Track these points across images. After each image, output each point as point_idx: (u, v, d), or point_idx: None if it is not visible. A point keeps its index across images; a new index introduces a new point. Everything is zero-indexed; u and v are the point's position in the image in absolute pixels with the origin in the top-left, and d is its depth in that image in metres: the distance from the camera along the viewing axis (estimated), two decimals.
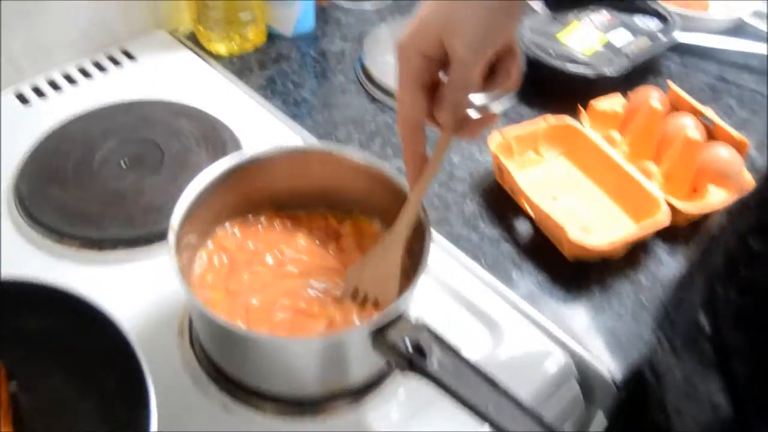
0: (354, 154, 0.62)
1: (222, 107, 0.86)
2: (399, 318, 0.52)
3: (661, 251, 0.75)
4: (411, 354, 0.50)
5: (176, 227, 0.56)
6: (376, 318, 0.51)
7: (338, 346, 0.53)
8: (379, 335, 0.51)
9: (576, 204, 0.79)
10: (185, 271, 0.56)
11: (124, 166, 0.77)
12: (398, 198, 0.57)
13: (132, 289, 0.65)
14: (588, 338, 0.66)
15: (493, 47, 0.47)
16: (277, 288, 0.60)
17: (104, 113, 0.84)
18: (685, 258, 0.75)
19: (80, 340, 0.53)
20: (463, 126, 0.51)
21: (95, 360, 0.52)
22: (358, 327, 0.52)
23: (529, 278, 0.72)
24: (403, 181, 0.56)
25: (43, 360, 0.55)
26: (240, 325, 0.56)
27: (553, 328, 0.66)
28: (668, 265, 0.74)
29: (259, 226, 0.64)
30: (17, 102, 0.88)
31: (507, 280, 0.71)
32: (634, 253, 0.74)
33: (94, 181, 0.75)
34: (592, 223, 0.76)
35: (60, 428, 0.52)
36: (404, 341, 0.50)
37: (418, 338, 0.50)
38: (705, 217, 0.76)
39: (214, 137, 0.81)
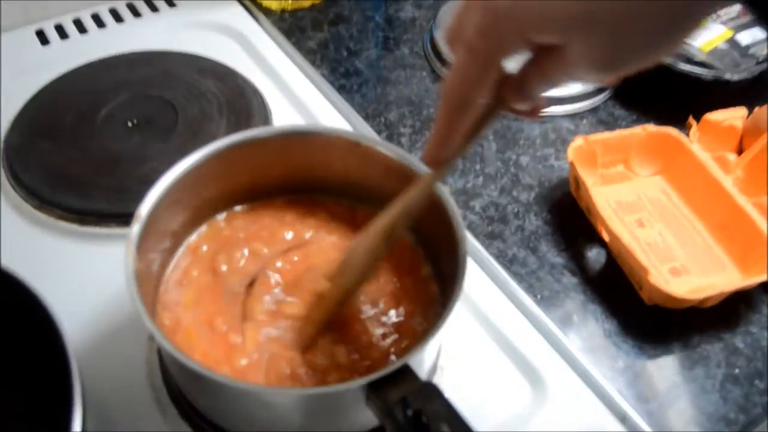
0: (387, 147, 0.54)
1: (258, 70, 0.78)
2: (402, 373, 0.42)
3: None
4: (408, 426, 0.40)
5: (143, 218, 0.48)
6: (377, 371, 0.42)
7: (325, 399, 0.44)
8: (373, 394, 0.42)
9: (667, 236, 0.67)
10: (144, 276, 0.47)
11: (130, 126, 0.70)
12: (435, 207, 0.50)
13: (109, 273, 0.55)
14: (659, 412, 0.56)
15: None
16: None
17: (122, 62, 0.76)
18: None
19: (15, 331, 0.47)
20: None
21: (28, 355, 0.47)
22: (349, 381, 0.42)
23: (592, 323, 0.61)
24: (442, 190, 0.50)
25: None
26: (207, 351, 0.48)
27: (614, 393, 0.56)
28: None
29: (264, 211, 0.58)
30: (36, 40, 0.82)
31: (564, 323, 0.60)
32: (733, 306, 0.62)
33: (92, 141, 0.67)
34: (684, 263, 0.64)
35: None
36: (403, 406, 0.40)
37: (422, 404, 0.40)
38: None
39: (241, 105, 0.72)
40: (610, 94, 0.82)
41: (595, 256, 0.66)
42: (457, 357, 0.56)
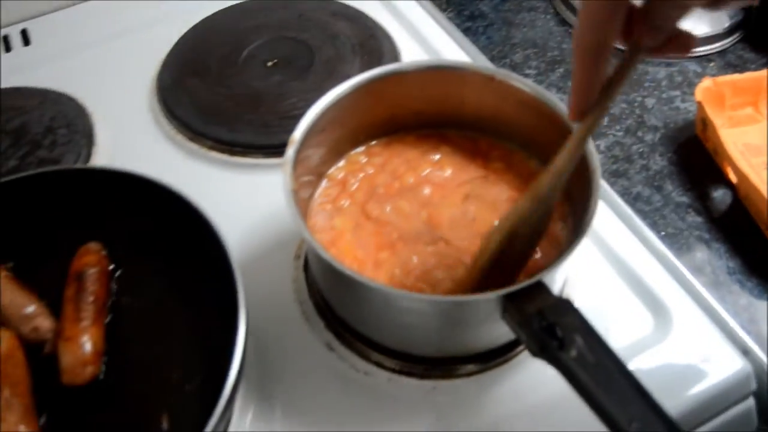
0: (521, 82, 0.56)
1: (387, 13, 0.81)
2: (537, 287, 0.44)
3: None
4: (544, 336, 0.42)
5: (298, 141, 0.51)
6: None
7: (461, 309, 0.47)
8: (511, 305, 0.44)
9: None
10: (300, 194, 0.51)
11: (269, 66, 0.74)
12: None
13: (257, 199, 0.63)
14: None
15: None
16: (412, 228, 0.55)
17: (260, 6, 0.81)
18: None
19: (184, 246, 0.53)
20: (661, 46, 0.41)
21: (195, 267, 0.52)
22: (486, 293, 0.45)
23: (717, 260, 0.62)
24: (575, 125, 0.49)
25: (147, 261, 0.55)
26: (356, 267, 0.51)
27: (736, 327, 0.56)
28: None
29: (400, 146, 0.60)
30: None
31: (688, 259, 0.61)
32: None
33: (236, 79, 0.73)
34: None
35: (151, 331, 0.52)
36: (539, 318, 0.43)
37: (557, 318, 0.43)
38: None
39: (372, 46, 0.75)
40: (739, 36, 0.81)
41: (720, 196, 0.66)
42: (582, 285, 0.57)
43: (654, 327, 0.56)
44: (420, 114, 0.59)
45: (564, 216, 0.54)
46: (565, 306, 0.44)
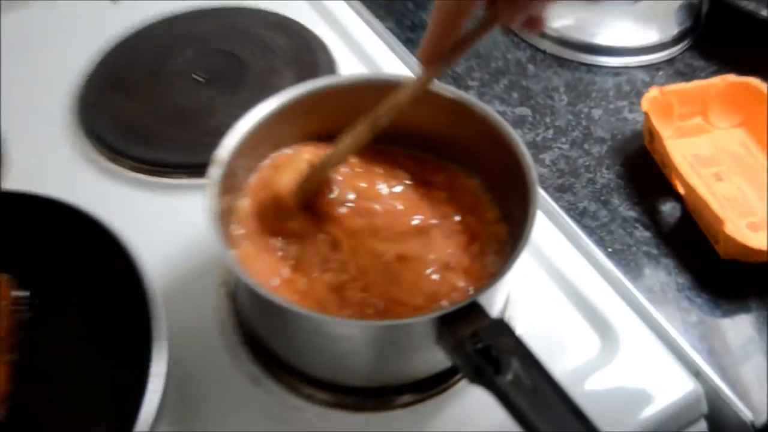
0: (455, 94, 0.56)
1: (323, 23, 0.82)
2: (472, 309, 0.45)
3: None
4: (479, 359, 0.42)
5: (222, 160, 0.51)
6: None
7: (392, 333, 0.47)
8: (445, 329, 0.44)
9: (746, 191, 0.67)
10: (225, 216, 0.51)
11: (197, 80, 0.74)
12: (507, 154, 0.53)
13: (181, 223, 0.61)
14: (731, 367, 0.57)
15: None
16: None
17: (189, 17, 0.80)
18: None
19: (100, 275, 0.51)
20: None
21: (112, 298, 0.51)
22: (420, 315, 0.45)
23: (664, 276, 0.62)
24: (515, 137, 0.53)
25: (59, 292, 0.53)
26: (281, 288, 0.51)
27: (685, 346, 0.57)
28: None
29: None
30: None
31: (635, 276, 0.62)
32: None
33: (162, 95, 0.72)
34: (764, 217, 0.65)
35: (62, 369, 0.51)
36: (474, 341, 0.43)
37: (492, 340, 0.43)
38: None
39: (308, 58, 0.75)
40: (688, 44, 0.82)
41: (669, 210, 0.67)
42: (524, 306, 0.57)
43: (601, 348, 0.56)
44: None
45: (502, 240, 0.54)
46: (501, 327, 0.44)
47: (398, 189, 0.58)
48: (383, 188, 0.57)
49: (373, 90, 0.56)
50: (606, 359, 0.56)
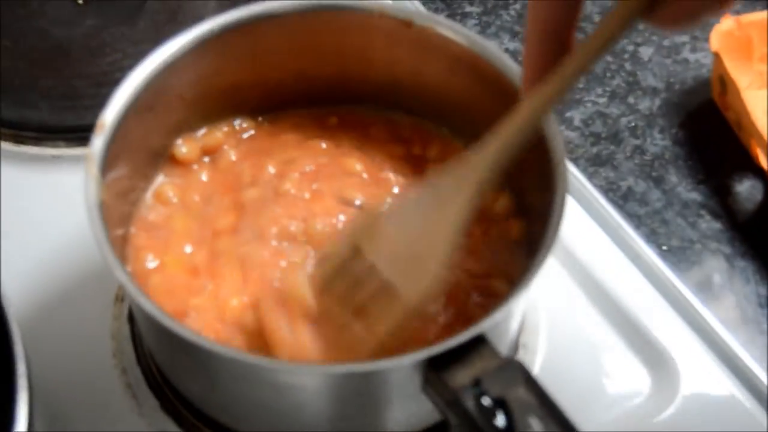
0: (454, 30, 0.56)
1: None
2: (475, 345, 0.44)
3: None
4: (482, 418, 0.41)
5: (111, 125, 0.50)
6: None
7: (362, 382, 0.46)
8: (434, 375, 0.43)
9: None
10: (115, 208, 0.50)
11: (80, 3, 0.73)
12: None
13: (60, 210, 0.62)
14: None
15: None
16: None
17: None
18: None
19: None
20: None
21: None
22: (400, 356, 0.44)
23: (741, 285, 0.63)
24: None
25: None
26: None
27: None
28: None
29: (274, 132, 0.60)
30: None
31: (700, 285, 0.63)
32: None
33: (28, 25, 0.71)
34: None
35: None
36: (476, 392, 0.42)
37: (502, 390, 0.42)
38: None
39: None
40: None
41: (747, 191, 0.68)
42: (546, 334, 0.58)
43: (652, 388, 0.57)
44: (306, 82, 0.59)
45: (515, 240, 0.54)
46: (513, 371, 0.43)
47: (358, 166, 0.58)
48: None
49: (325, 21, 0.57)
50: (660, 403, 0.56)
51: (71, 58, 0.68)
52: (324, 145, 0.59)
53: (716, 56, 0.68)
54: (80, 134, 0.63)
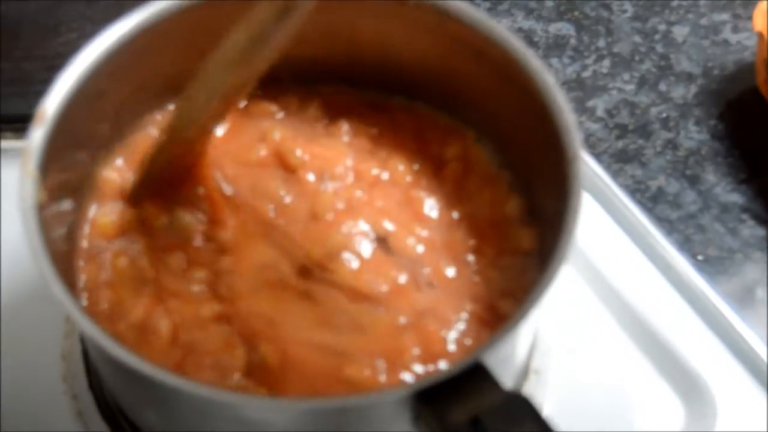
0: (451, 6, 0.54)
1: None
2: (473, 376, 0.42)
3: None
4: None
5: (53, 115, 0.48)
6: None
7: (337, 418, 0.45)
8: (427, 409, 0.42)
9: None
10: (53, 213, 0.49)
11: None
12: (530, 105, 0.51)
13: (5, 214, 0.60)
14: None
15: None
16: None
17: None
18: None
19: None
20: None
21: None
22: (387, 389, 0.46)
23: None
24: (545, 76, 0.50)
25: None
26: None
27: None
28: None
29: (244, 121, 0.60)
30: None
31: (742, 301, 0.62)
32: None
33: None
34: None
35: None
36: (475, 431, 0.41)
37: (506, 429, 0.41)
38: None
39: None
40: None
41: None
42: (562, 355, 0.57)
43: (686, 421, 0.57)
44: (284, 62, 0.56)
45: (526, 251, 0.53)
46: (520, 408, 0.42)
47: (348, 162, 0.57)
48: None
49: None
50: None
51: (21, 37, 0.68)
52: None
53: (761, 37, 0.68)
54: (29, 123, 0.61)
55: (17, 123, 0.64)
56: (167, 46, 0.55)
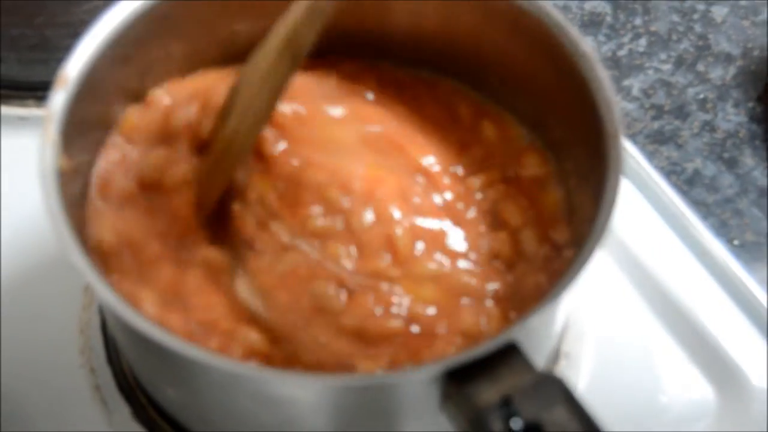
0: None
1: None
2: (505, 356, 0.42)
3: None
4: None
5: (76, 79, 0.48)
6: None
7: (365, 396, 0.45)
8: (455, 389, 0.42)
9: None
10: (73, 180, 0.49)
11: None
12: (572, 80, 0.50)
13: (29, 179, 0.56)
14: None
15: None
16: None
17: None
18: None
19: None
20: None
21: None
22: (414, 368, 0.45)
23: None
24: (584, 47, 0.50)
25: None
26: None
27: None
28: None
29: None
30: None
31: None
32: None
33: None
34: None
35: None
36: (505, 411, 0.40)
37: (537, 410, 0.40)
38: None
39: None
40: None
41: None
42: (594, 338, 0.57)
43: (719, 408, 0.57)
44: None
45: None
46: (552, 389, 0.41)
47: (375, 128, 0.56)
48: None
49: None
50: (729, 425, 0.56)
51: (45, 4, 0.66)
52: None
53: None
54: (42, 92, 0.61)
55: (39, 91, 0.63)
56: (193, 13, 0.55)
